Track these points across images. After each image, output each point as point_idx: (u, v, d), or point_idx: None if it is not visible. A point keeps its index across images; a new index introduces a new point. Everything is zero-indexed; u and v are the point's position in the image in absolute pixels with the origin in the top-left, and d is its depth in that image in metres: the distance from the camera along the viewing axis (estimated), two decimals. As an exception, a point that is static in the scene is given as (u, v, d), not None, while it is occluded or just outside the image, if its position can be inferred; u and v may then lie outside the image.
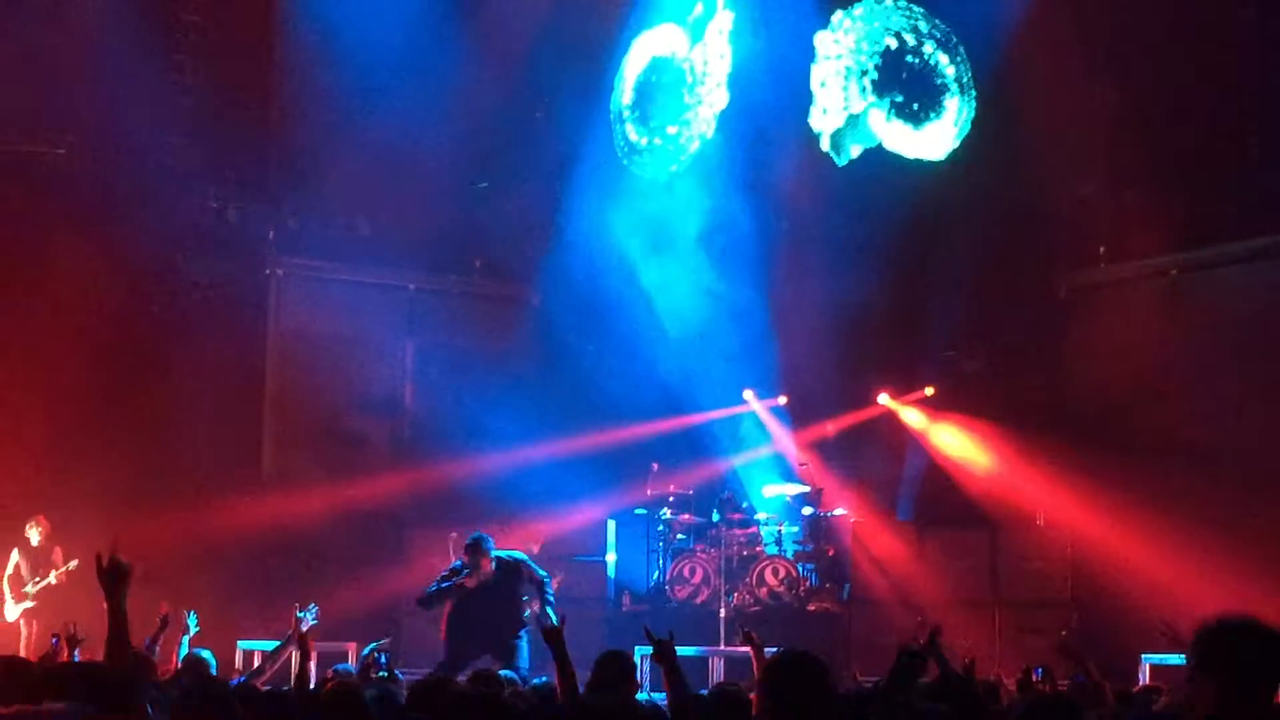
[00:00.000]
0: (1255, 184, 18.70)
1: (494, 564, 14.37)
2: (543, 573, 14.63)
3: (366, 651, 11.28)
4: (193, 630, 11.20)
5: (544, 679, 10.06)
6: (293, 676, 9.56)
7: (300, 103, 20.06)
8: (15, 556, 17.77)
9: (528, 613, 14.63)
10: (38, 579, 17.56)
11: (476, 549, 14.34)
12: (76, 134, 19.09)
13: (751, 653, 9.65)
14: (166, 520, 17.65)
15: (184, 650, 10.89)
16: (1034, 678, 10.29)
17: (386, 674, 8.64)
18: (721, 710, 6.54)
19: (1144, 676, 15.49)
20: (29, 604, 17.55)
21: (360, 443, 20.43)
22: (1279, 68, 18.10)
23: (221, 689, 6.85)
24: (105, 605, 6.40)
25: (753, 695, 6.20)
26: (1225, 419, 19.05)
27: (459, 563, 14.64)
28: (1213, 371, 19.30)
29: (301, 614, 10.58)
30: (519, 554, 14.90)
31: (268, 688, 8.62)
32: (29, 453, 18.50)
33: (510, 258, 21.84)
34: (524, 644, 14.33)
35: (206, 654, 10.64)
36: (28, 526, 17.79)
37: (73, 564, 17.43)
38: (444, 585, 14.46)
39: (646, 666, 13.79)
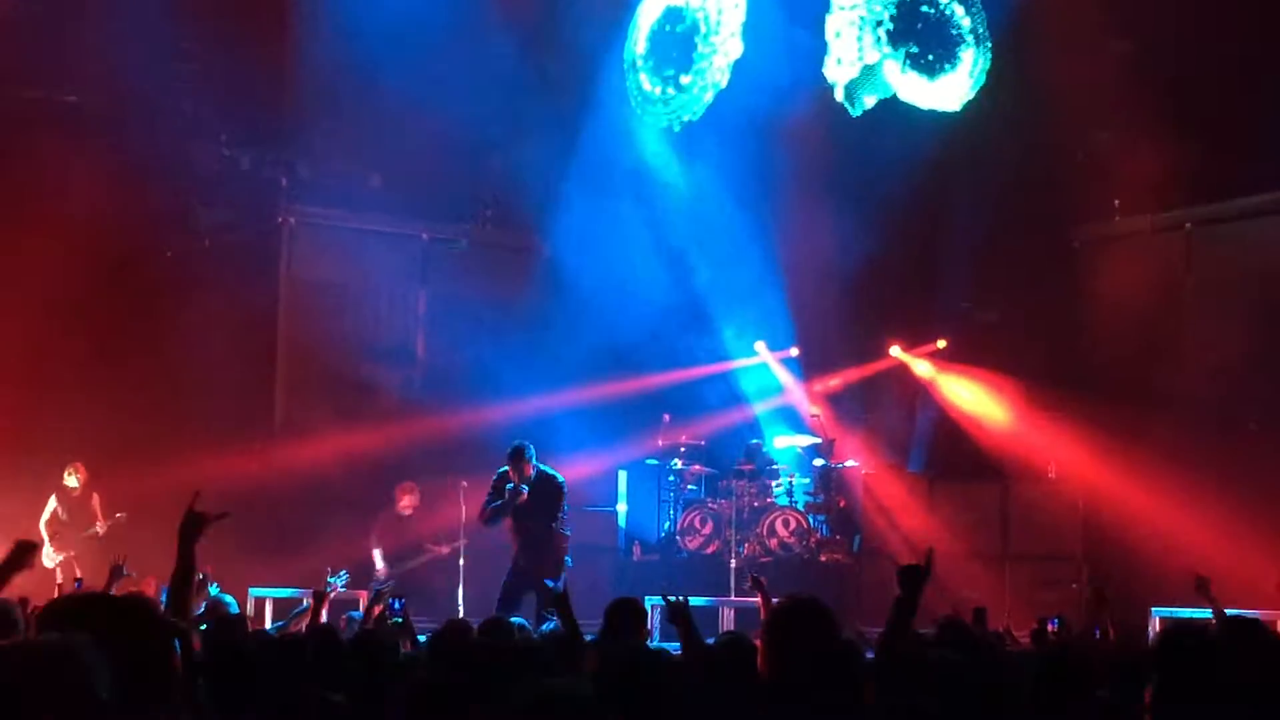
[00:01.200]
0: (1272, 138, 18.60)
1: (534, 472, 14.53)
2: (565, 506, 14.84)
3: (332, 582, 11.26)
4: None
5: (553, 624, 10.07)
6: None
7: (314, 51, 19.93)
8: (53, 503, 17.86)
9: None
10: (91, 528, 17.65)
11: (520, 456, 14.42)
12: (87, 81, 19.01)
13: (759, 599, 9.66)
14: (179, 467, 17.62)
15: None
16: (1050, 628, 10.29)
17: (401, 620, 8.64)
18: (728, 657, 6.54)
19: (1154, 630, 15.52)
20: (70, 552, 17.63)
21: (372, 391, 20.41)
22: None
23: (242, 634, 6.88)
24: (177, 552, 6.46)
25: (759, 642, 6.19)
26: (1239, 374, 19.00)
27: (502, 470, 14.73)
28: (1227, 326, 19.25)
29: (332, 579, 10.56)
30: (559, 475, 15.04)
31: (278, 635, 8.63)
32: (49, 399, 18.53)
33: (522, 207, 21.78)
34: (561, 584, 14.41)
35: (228, 598, 10.68)
36: (66, 473, 17.87)
37: (121, 516, 17.53)
38: (499, 501, 14.71)
39: (657, 616, 13.83)
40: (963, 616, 8.51)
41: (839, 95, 20.52)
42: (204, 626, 8.64)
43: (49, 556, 17.53)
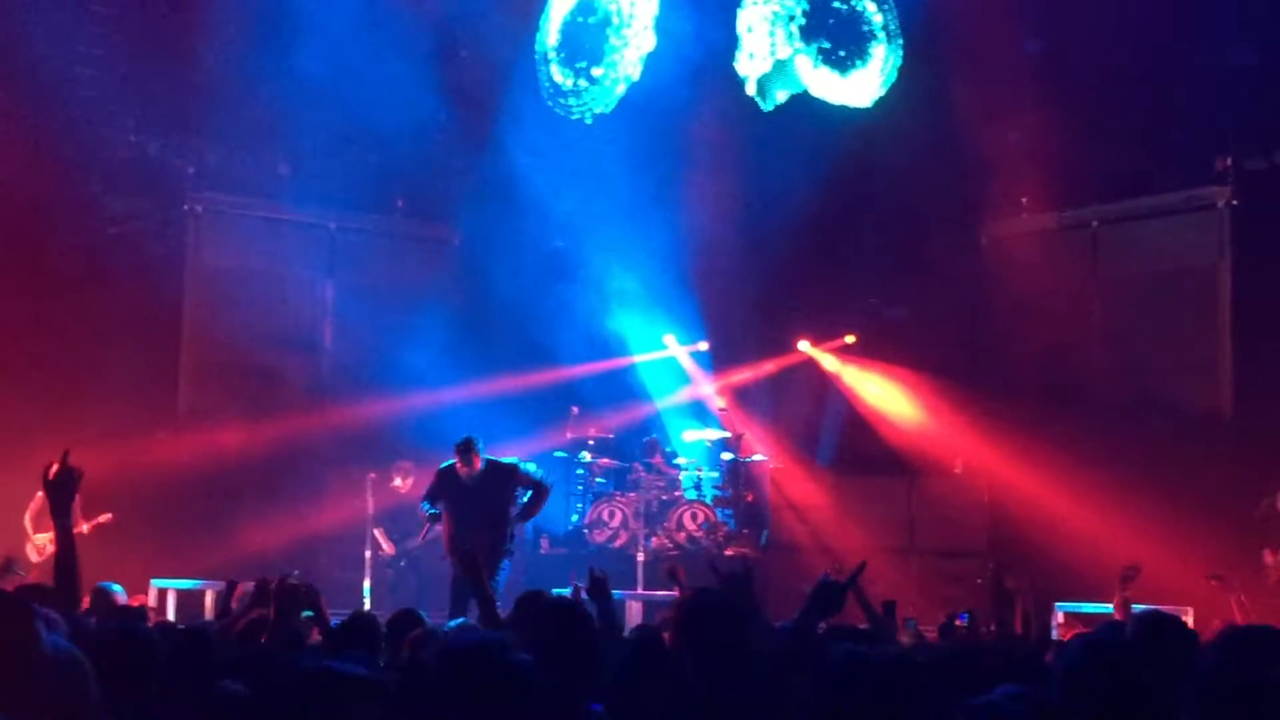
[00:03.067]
0: (1178, 137, 18.81)
1: (483, 464, 14.32)
2: (540, 474, 14.73)
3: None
4: None
5: (463, 619, 10.02)
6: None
7: (222, 38, 19.72)
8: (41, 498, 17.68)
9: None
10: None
11: (469, 449, 14.30)
12: (-12, 65, 18.68)
13: (677, 591, 9.63)
14: (81, 456, 17.31)
15: None
16: (958, 622, 10.31)
17: (313, 613, 8.54)
18: (639, 651, 6.51)
19: (1057, 623, 15.63)
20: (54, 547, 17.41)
21: (278, 381, 20.23)
22: (1207, 20, 18.14)
23: (138, 623, 6.76)
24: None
25: (667, 634, 6.17)
26: (1143, 370, 19.24)
27: (449, 463, 14.57)
28: (1132, 322, 19.49)
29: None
30: (514, 459, 14.90)
31: (184, 625, 8.51)
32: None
33: (433, 197, 21.68)
34: (505, 569, 14.26)
35: (116, 587, 10.48)
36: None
37: (106, 517, 17.32)
38: (433, 495, 14.55)
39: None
40: (873, 607, 8.49)
41: (750, 90, 20.58)
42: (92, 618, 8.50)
43: (35, 551, 17.39)
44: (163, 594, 16.77)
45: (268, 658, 6.52)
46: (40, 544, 17.43)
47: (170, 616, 16.03)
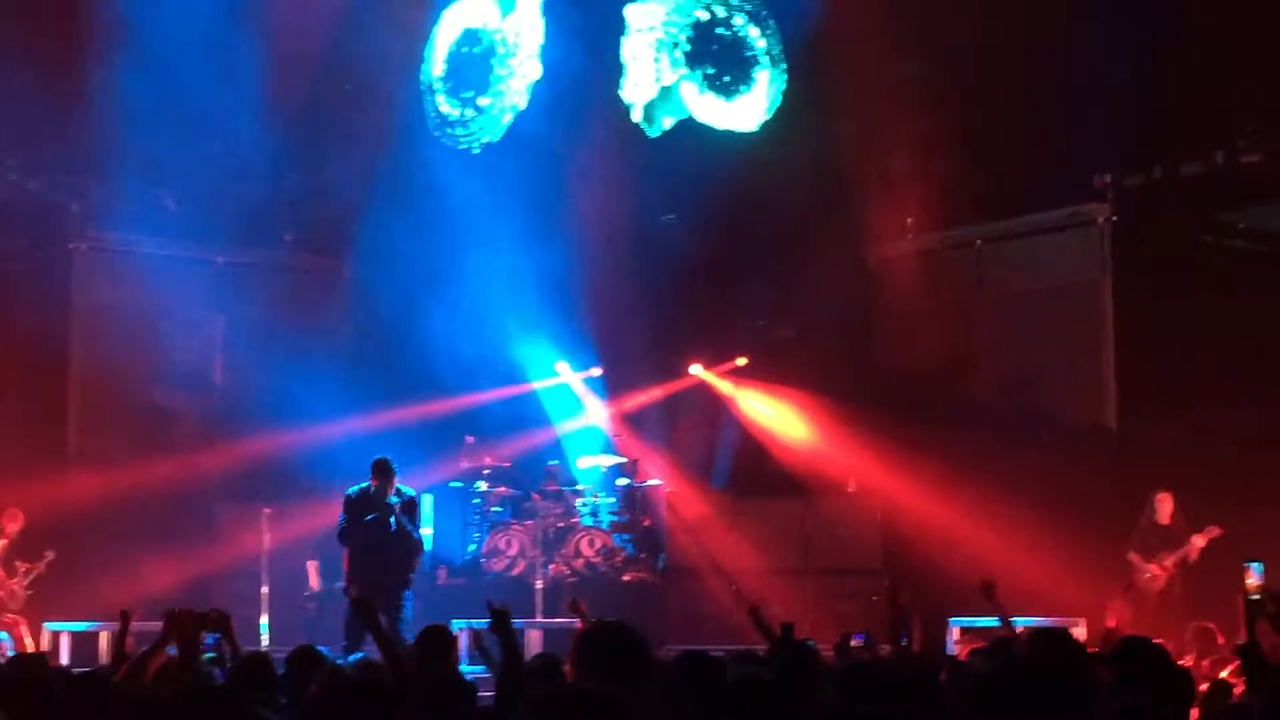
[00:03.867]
0: (1059, 155, 19.10)
1: (396, 492, 14.31)
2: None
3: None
4: None
5: (362, 654, 10.00)
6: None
7: (105, 75, 19.56)
8: None
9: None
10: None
11: (387, 470, 14.27)
12: None
13: (579, 624, 9.66)
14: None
15: None
16: (853, 642, 10.38)
17: (215, 655, 8.49)
18: (540, 679, 6.57)
19: (952, 639, 15.83)
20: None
21: (169, 419, 20.05)
22: (1083, 38, 18.44)
23: (37, 669, 6.71)
24: None
25: (568, 666, 6.22)
26: (1029, 385, 19.51)
27: (359, 487, 14.54)
28: (1018, 340, 19.75)
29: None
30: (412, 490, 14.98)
31: (80, 670, 8.43)
32: None
33: (322, 231, 21.60)
34: (409, 598, 14.24)
35: (2, 635, 10.40)
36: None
37: (47, 557, 17.49)
38: (355, 515, 14.45)
39: (463, 640, 13.77)
40: (774, 630, 8.57)
41: (637, 116, 20.70)
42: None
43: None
44: (56, 637, 16.59)
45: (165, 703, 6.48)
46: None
47: (64, 660, 15.88)
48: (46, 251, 19.76)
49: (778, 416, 21.21)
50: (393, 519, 14.37)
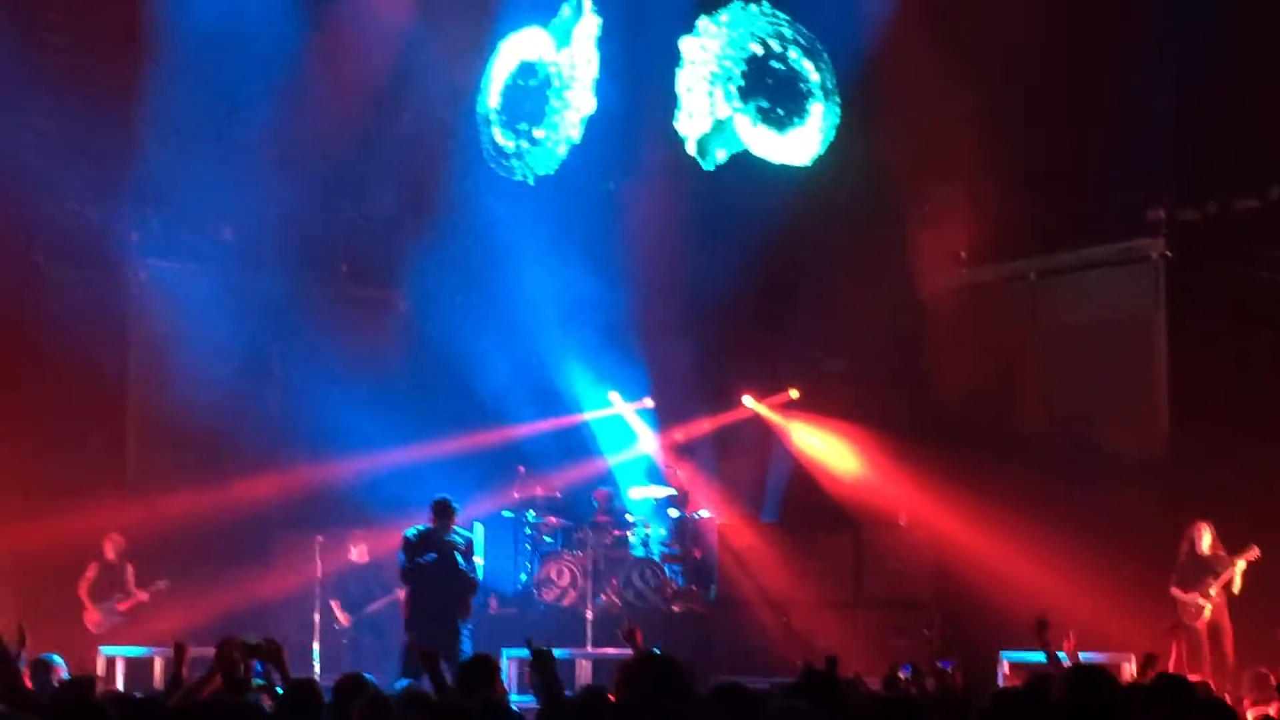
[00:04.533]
0: (1113, 189, 19.08)
1: (453, 530, 14.52)
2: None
3: None
4: None
5: (407, 682, 10.07)
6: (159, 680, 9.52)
7: (165, 105, 19.81)
8: (92, 571, 17.85)
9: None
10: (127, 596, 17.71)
11: (447, 510, 14.43)
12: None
13: (632, 652, 9.72)
14: (28, 527, 17.46)
15: None
16: (901, 675, 10.40)
17: (264, 682, 8.57)
18: (587, 711, 6.62)
19: (1003, 673, 15.79)
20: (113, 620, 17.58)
21: (226, 447, 20.21)
22: (1137, 72, 18.41)
23: (87, 692, 6.82)
24: None
25: (612, 696, 6.28)
26: (1081, 420, 19.44)
27: (420, 529, 14.60)
28: (1071, 374, 19.68)
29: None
30: (469, 533, 15.17)
31: (139, 694, 8.54)
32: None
33: (377, 262, 21.76)
34: (466, 635, 14.35)
35: (57, 658, 10.49)
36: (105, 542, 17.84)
37: (161, 584, 17.92)
38: (416, 555, 14.47)
39: (513, 670, 13.85)
40: (816, 665, 8.60)
41: (691, 149, 20.79)
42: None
43: (92, 623, 17.72)
44: (111, 662, 16.74)
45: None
46: (101, 613, 17.51)
47: (119, 685, 16.02)
48: (106, 279, 19.93)
49: (829, 449, 21.19)
50: (455, 555, 14.45)
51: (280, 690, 8.32)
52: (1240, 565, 16.64)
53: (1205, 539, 16.86)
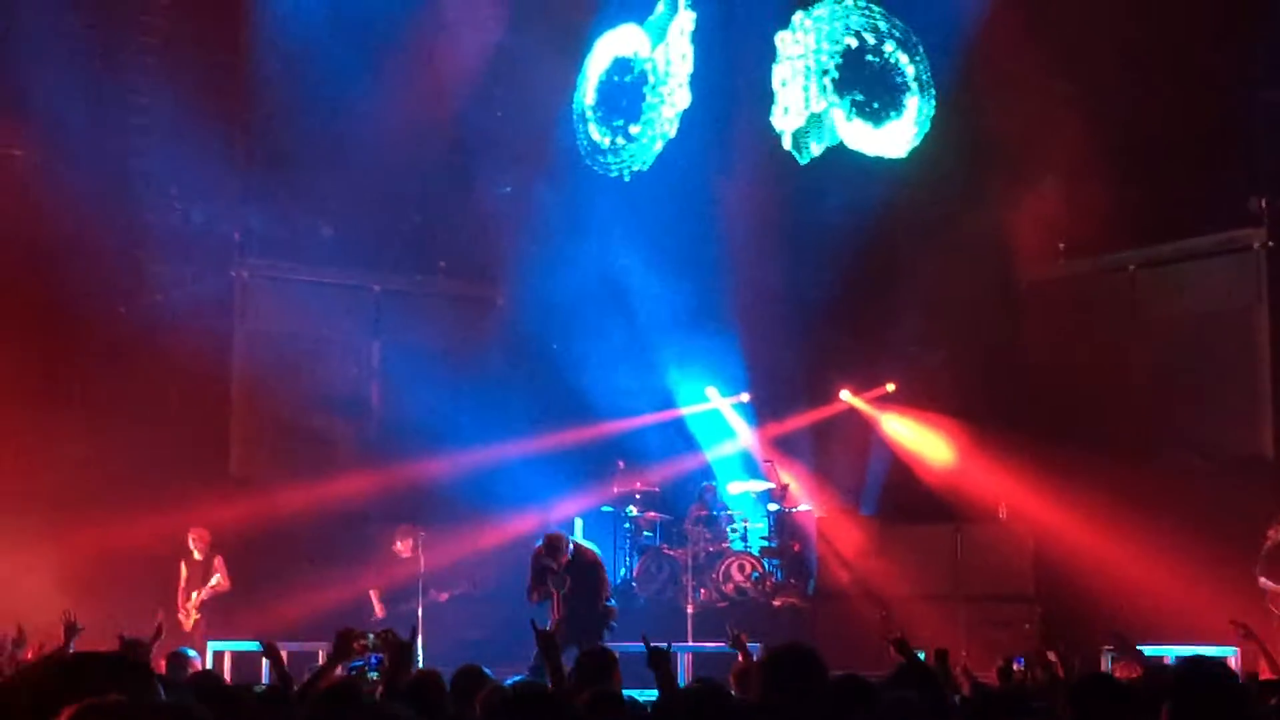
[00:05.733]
0: (1213, 179, 18.90)
1: (570, 557, 14.54)
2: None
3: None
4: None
5: (521, 676, 10.16)
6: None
7: (265, 105, 20.09)
8: (184, 569, 18.05)
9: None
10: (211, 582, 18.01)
11: (557, 548, 14.52)
12: (34, 135, 18.89)
13: (740, 653, 9.82)
14: (134, 523, 17.70)
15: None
16: (1015, 667, 10.40)
17: (377, 674, 8.71)
18: (705, 702, 6.68)
19: (1106, 666, 15.70)
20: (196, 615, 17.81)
21: (327, 442, 20.46)
22: (1238, 64, 18.26)
23: (231, 688, 6.97)
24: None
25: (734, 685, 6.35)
26: (1184, 414, 19.27)
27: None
28: (1172, 366, 19.51)
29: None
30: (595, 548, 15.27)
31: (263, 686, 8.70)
32: (3, 453, 18.45)
33: (475, 258, 21.92)
34: None
35: (191, 652, 10.70)
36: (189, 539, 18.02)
37: (215, 579, 17.85)
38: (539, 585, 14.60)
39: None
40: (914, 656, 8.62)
41: (786, 143, 20.80)
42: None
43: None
44: (219, 656, 16.95)
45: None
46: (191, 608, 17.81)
47: (227, 679, 16.22)
48: (209, 279, 20.21)
49: (927, 442, 21.15)
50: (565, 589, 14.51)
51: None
52: None
53: None
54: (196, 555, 18.04)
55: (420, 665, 15.60)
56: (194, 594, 17.83)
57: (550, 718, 5.48)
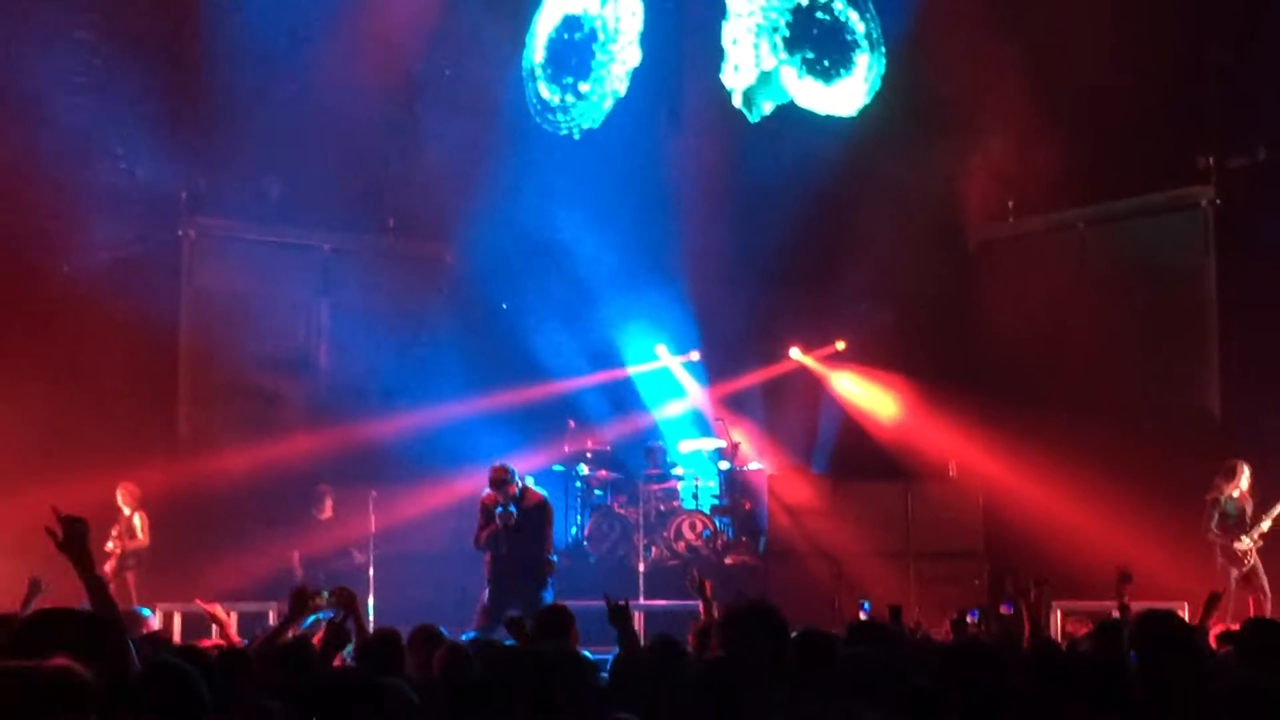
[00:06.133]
0: (1161, 137, 18.97)
1: (518, 491, 14.30)
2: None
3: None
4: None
5: (474, 634, 10.15)
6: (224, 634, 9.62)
7: (211, 62, 19.89)
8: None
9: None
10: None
11: (494, 480, 14.18)
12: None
13: (700, 603, 9.79)
14: (80, 484, 17.48)
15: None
16: (969, 619, 10.43)
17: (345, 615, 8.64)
18: (663, 657, 6.69)
19: (1055, 623, 15.83)
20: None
21: (276, 402, 20.32)
22: (1185, 20, 18.32)
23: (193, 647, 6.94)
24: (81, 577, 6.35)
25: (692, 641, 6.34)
26: (1133, 371, 19.35)
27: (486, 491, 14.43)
28: (1120, 324, 19.57)
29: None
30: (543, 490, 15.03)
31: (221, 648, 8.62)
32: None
33: (424, 216, 21.78)
34: (549, 596, 13.93)
35: (146, 611, 10.61)
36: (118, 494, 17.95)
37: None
38: (488, 526, 14.28)
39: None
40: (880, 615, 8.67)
41: (737, 101, 20.77)
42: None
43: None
44: (168, 616, 16.86)
45: (305, 675, 6.66)
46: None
47: (176, 640, 16.14)
48: (156, 238, 20.01)
49: (877, 400, 21.22)
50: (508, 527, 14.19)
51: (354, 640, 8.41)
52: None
53: (1245, 479, 16.73)
54: (126, 510, 17.94)
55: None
56: (110, 544, 17.75)
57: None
